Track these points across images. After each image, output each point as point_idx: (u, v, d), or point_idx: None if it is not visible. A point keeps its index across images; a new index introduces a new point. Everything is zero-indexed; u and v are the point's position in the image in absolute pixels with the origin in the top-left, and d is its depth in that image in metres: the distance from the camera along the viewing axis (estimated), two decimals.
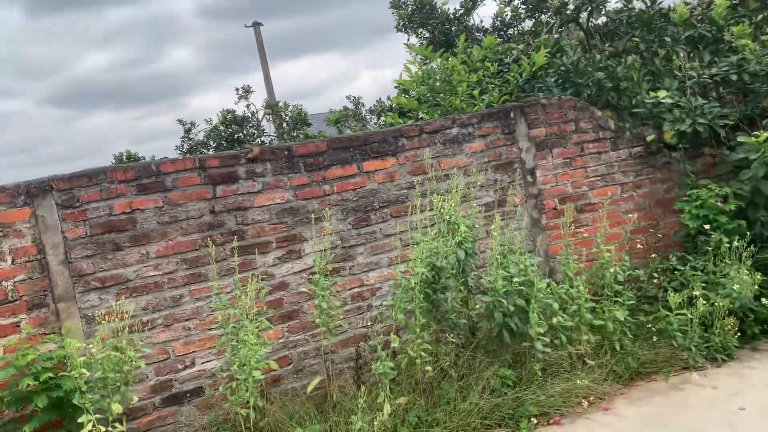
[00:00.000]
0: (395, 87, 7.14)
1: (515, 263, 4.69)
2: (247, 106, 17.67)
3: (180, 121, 17.76)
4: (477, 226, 5.01)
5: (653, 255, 5.67)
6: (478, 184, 5.39)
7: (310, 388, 4.42)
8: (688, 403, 4.24)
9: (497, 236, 4.68)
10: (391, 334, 4.36)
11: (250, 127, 17.67)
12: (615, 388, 4.57)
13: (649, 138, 5.92)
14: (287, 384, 4.64)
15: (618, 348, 4.76)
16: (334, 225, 4.87)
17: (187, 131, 17.77)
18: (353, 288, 4.93)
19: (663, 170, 6.06)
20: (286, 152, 4.77)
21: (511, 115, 5.60)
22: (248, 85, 17.61)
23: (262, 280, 4.60)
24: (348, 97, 15.35)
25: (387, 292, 4.99)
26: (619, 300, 4.85)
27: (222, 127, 16.70)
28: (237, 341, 4.04)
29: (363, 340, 4.89)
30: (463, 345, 4.61)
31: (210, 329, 4.43)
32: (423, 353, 4.24)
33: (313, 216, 4.76)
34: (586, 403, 4.32)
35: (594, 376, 4.54)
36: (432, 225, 4.80)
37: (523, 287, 4.53)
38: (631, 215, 5.88)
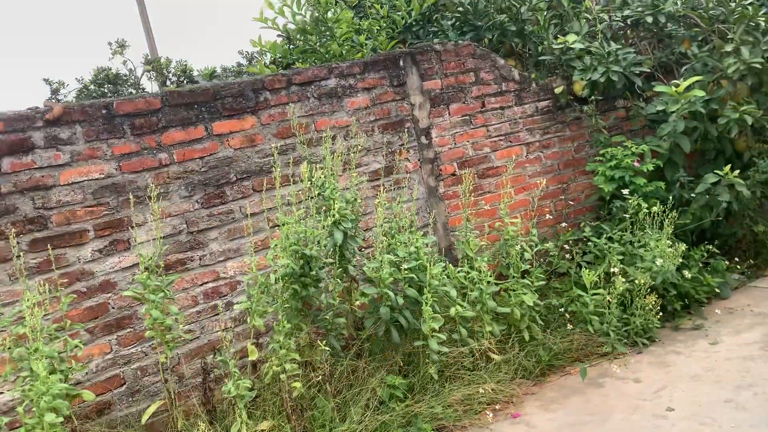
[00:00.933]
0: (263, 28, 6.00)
1: (405, 244, 3.82)
2: (124, 62, 15.76)
3: (46, 80, 15.66)
4: (360, 199, 4.09)
5: (563, 224, 4.97)
6: (363, 147, 4.46)
7: (145, 418, 3.40)
8: (610, 404, 3.57)
9: (382, 212, 3.78)
10: (249, 343, 3.41)
11: (128, 85, 15.84)
12: (525, 387, 3.85)
13: (558, 90, 5.18)
14: (119, 410, 3.60)
15: (527, 338, 4.04)
16: (177, 204, 3.81)
17: (55, 92, 15.72)
18: (206, 283, 3.91)
19: (573, 126, 5.36)
20: (104, 111, 3.62)
21: (401, 63, 4.66)
22: (123, 39, 15.72)
23: (78, 280, 3.51)
24: (240, 52, 13.82)
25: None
26: (527, 281, 4.10)
27: (94, 87, 14.82)
28: (30, 370, 2.97)
29: (219, 348, 3.91)
30: (345, 347, 3.73)
31: (4, 350, 3.30)
32: (289, 366, 3.32)
33: (146, 194, 3.67)
34: (491, 413, 3.56)
35: (500, 376, 3.79)
36: (306, 200, 3.85)
37: (414, 274, 3.67)
38: (538, 179, 5.16)
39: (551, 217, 5.06)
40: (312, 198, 3.66)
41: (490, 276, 3.92)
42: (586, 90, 5.08)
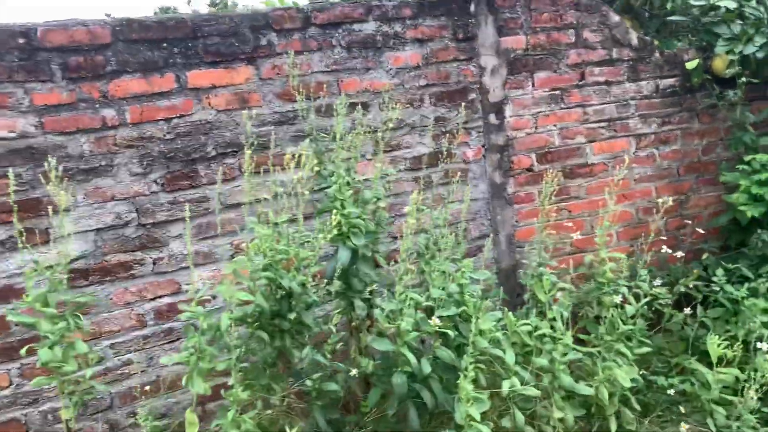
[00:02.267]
0: None
1: (445, 275, 2.55)
2: (188, 2, 14.83)
3: (107, 16, 14.90)
4: (385, 198, 2.84)
5: (678, 252, 3.54)
6: (405, 122, 3.18)
7: None
8: None
9: (413, 222, 2.50)
10: (188, 410, 2.25)
11: None
12: None
13: (691, 65, 3.69)
14: None
15: (613, 430, 2.71)
16: (125, 184, 2.67)
17: None
18: (160, 297, 2.78)
19: (704, 117, 3.87)
20: (20, 41, 2.48)
21: (471, 8, 3.31)
22: None
23: None
24: None
25: (225, 305, 2.86)
26: (624, 346, 2.74)
27: None
28: None
29: (172, 388, 2.79)
30: (339, 422, 2.52)
31: None
32: None
33: (80, 165, 2.54)
34: None
35: None
36: (297, 196, 2.64)
37: (450, 328, 2.40)
38: (648, 185, 3.76)
39: (663, 239, 3.65)
40: (304, 193, 2.41)
41: (569, 333, 2.60)
42: (732, 68, 3.58)
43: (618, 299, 2.64)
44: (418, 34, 3.20)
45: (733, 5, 3.61)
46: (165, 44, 2.69)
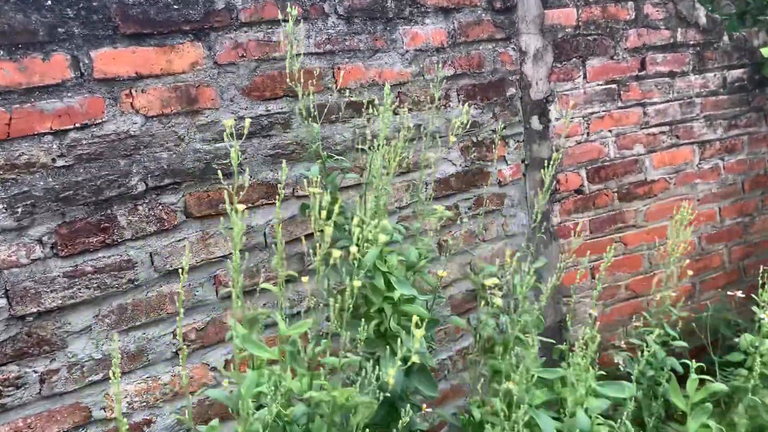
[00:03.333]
0: None
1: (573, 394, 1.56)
2: None
3: None
4: (421, 243, 1.80)
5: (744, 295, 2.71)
6: (428, 129, 2.16)
7: None
8: None
9: (498, 305, 1.49)
10: None
11: None
12: None
13: (766, 51, 2.89)
14: None
15: None
16: None
17: None
18: None
19: None
20: None
21: None
22: None
23: None
24: None
25: None
26: None
27: None
28: None
29: None
30: None
31: None
32: None
33: None
34: None
35: None
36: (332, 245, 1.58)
37: None
38: (711, 206, 2.94)
39: (720, 271, 2.83)
40: (323, 265, 1.35)
41: None
42: None
43: None
44: (443, 2, 2.19)
45: None
46: (50, 3, 1.54)
